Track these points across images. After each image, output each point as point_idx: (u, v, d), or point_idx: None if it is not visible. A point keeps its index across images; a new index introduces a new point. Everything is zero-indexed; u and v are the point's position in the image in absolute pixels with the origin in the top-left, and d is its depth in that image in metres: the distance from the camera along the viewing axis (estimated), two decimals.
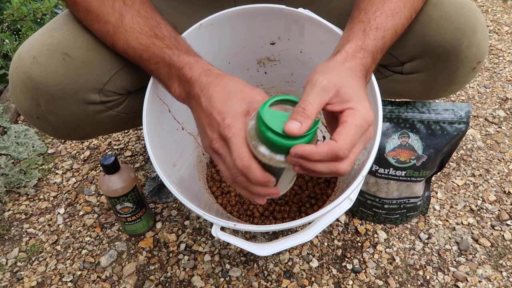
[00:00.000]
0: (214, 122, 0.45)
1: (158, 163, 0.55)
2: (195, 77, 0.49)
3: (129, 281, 0.78)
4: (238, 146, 0.43)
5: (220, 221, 0.51)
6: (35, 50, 0.54)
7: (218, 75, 0.49)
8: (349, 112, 0.42)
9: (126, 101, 0.64)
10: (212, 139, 0.46)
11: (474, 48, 0.57)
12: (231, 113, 0.44)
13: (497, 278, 0.76)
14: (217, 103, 0.45)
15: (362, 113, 0.41)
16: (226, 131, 0.43)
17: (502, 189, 0.93)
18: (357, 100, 0.42)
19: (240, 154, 0.42)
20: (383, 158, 0.75)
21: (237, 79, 0.48)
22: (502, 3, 1.76)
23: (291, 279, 0.78)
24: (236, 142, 0.43)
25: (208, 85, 0.47)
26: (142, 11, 0.54)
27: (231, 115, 0.44)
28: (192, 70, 0.49)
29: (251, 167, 0.42)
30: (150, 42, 0.52)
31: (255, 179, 0.43)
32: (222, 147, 0.45)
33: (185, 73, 0.49)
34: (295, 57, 0.71)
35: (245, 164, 0.42)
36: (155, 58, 0.52)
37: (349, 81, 0.44)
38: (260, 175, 0.43)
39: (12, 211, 0.95)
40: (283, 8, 0.59)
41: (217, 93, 0.46)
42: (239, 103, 0.45)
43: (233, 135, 0.43)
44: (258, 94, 0.47)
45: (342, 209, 0.52)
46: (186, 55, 0.51)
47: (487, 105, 1.20)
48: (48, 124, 0.59)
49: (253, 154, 0.43)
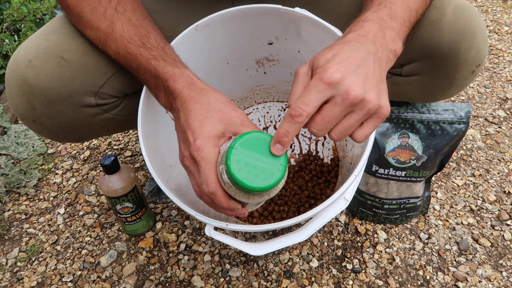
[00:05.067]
0: (186, 140, 0.45)
1: (152, 163, 0.55)
2: (178, 90, 0.48)
3: (129, 281, 0.78)
4: (205, 171, 0.43)
5: (212, 221, 0.51)
6: (30, 53, 0.54)
7: (201, 91, 0.48)
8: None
9: (122, 104, 0.64)
10: (184, 155, 0.46)
11: (473, 52, 0.56)
12: (203, 134, 0.44)
13: (497, 278, 0.76)
14: (193, 121, 0.45)
15: (317, 75, 0.40)
16: (195, 153, 0.43)
17: (502, 189, 0.93)
18: (320, 68, 0.41)
19: (207, 180, 0.43)
20: (383, 158, 0.75)
21: (219, 96, 0.48)
22: (502, 3, 1.76)
23: (291, 279, 0.78)
24: (204, 167, 0.43)
25: (188, 101, 0.47)
26: (133, 19, 0.54)
27: (203, 137, 0.44)
28: (175, 83, 0.49)
29: (216, 194, 0.43)
30: (138, 53, 0.52)
31: (219, 205, 0.44)
32: (192, 165, 0.46)
33: (169, 86, 0.49)
34: (294, 57, 0.71)
35: (211, 190, 0.43)
36: (142, 69, 0.52)
37: (324, 53, 0.42)
38: (224, 203, 0.44)
39: (12, 211, 0.95)
40: (279, 8, 0.59)
41: (195, 111, 0.46)
42: (215, 124, 0.45)
43: (202, 159, 0.43)
44: (237, 117, 0.46)
45: (337, 209, 0.51)
46: (172, 67, 0.51)
47: (487, 105, 1.20)
48: (44, 127, 0.59)
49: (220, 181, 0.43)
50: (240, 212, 0.47)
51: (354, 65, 0.41)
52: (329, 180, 0.83)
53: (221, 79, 0.76)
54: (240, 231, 0.84)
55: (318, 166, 0.86)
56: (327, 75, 0.39)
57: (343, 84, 0.39)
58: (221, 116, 0.46)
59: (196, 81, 0.50)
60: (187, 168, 0.47)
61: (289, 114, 0.39)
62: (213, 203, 0.46)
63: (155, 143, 0.61)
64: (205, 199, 0.46)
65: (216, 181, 0.43)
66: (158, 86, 0.52)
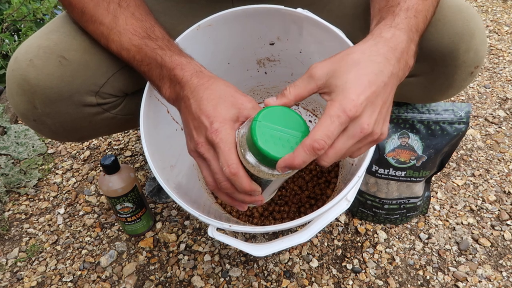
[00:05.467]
0: (201, 126, 0.44)
1: (153, 162, 0.55)
2: (186, 78, 0.48)
3: (129, 281, 0.78)
4: (226, 152, 0.42)
5: (215, 222, 0.51)
6: (31, 52, 0.54)
7: (210, 78, 0.48)
8: (328, 104, 0.40)
9: (123, 103, 0.64)
10: (198, 142, 0.45)
11: (472, 53, 0.56)
12: (219, 117, 0.43)
13: (497, 278, 0.76)
14: (206, 106, 0.45)
15: (339, 104, 0.38)
16: (213, 136, 0.43)
17: (502, 189, 0.93)
18: (340, 90, 0.39)
19: (228, 160, 0.42)
20: (383, 159, 0.75)
21: (228, 84, 0.48)
22: (502, 3, 1.76)
23: (291, 279, 0.78)
24: (223, 148, 0.42)
25: (198, 87, 0.47)
26: (137, 13, 0.54)
27: (220, 119, 0.43)
28: (183, 71, 0.49)
29: (238, 175, 0.42)
30: (143, 43, 0.52)
31: (241, 188, 0.43)
32: (208, 151, 0.44)
33: (176, 74, 0.49)
34: (295, 57, 0.71)
35: (233, 171, 0.42)
36: (147, 59, 0.52)
37: (346, 68, 0.40)
38: (247, 184, 0.43)
39: (12, 211, 0.95)
40: (280, 9, 0.59)
41: (207, 96, 0.45)
42: (228, 108, 0.45)
43: (221, 141, 0.42)
44: (248, 101, 0.46)
45: (339, 210, 0.51)
46: (178, 56, 0.50)
47: (487, 105, 1.20)
48: (44, 126, 0.59)
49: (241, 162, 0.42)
50: (258, 198, 0.46)
51: (375, 95, 0.39)
52: (329, 180, 0.84)
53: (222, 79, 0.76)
54: (244, 232, 0.84)
55: (318, 166, 0.86)
56: (349, 107, 0.38)
57: (361, 119, 0.39)
58: (233, 101, 0.45)
59: (204, 70, 0.50)
60: (201, 157, 0.45)
61: (311, 146, 0.37)
62: (233, 188, 0.44)
63: (156, 143, 0.62)
64: (224, 186, 0.44)
65: (238, 161, 0.42)
66: (162, 77, 0.51)
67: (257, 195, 0.45)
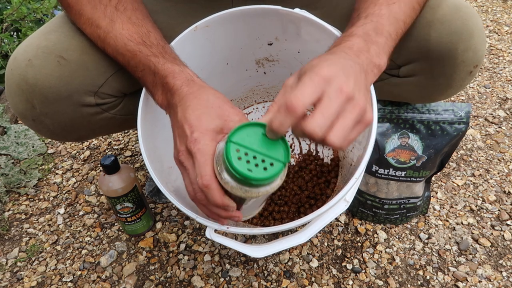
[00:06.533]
0: (183, 134, 0.45)
1: (151, 164, 0.55)
2: (177, 86, 0.48)
3: (129, 281, 0.78)
4: (201, 163, 0.42)
5: (213, 223, 0.51)
6: (30, 52, 0.54)
7: (200, 87, 0.48)
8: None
9: (121, 104, 0.64)
10: (179, 150, 0.45)
11: (470, 52, 0.56)
12: (201, 127, 0.44)
13: (497, 278, 0.76)
14: (191, 115, 0.45)
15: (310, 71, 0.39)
16: (192, 145, 0.43)
17: (502, 189, 0.93)
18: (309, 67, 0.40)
19: (202, 171, 0.42)
20: (383, 159, 0.75)
21: (218, 94, 0.48)
22: (502, 3, 1.76)
23: (291, 279, 0.78)
24: (199, 159, 0.42)
25: (187, 96, 0.47)
26: (133, 18, 0.54)
27: (201, 129, 0.43)
28: (175, 79, 0.49)
29: (210, 187, 0.42)
30: (137, 50, 0.52)
31: (212, 201, 0.43)
32: (187, 160, 0.45)
33: (168, 82, 0.49)
34: (293, 57, 0.71)
35: (205, 183, 0.41)
36: (141, 66, 0.52)
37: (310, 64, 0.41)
38: (218, 197, 0.42)
39: (12, 211, 0.95)
40: (278, 9, 0.59)
41: (194, 105, 0.46)
42: (213, 119, 0.45)
43: (198, 151, 0.42)
44: (235, 114, 0.46)
45: (338, 210, 0.51)
46: (171, 64, 0.51)
47: (487, 105, 1.20)
48: (43, 126, 0.59)
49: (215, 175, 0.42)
50: (234, 214, 0.46)
51: (343, 68, 0.40)
52: (329, 180, 0.83)
53: (221, 79, 0.76)
54: (241, 233, 0.84)
55: (318, 166, 0.86)
56: (321, 70, 0.38)
57: (336, 81, 0.38)
58: (220, 113, 0.45)
59: (196, 79, 0.50)
60: (182, 165, 0.46)
61: (284, 106, 0.36)
62: (207, 202, 0.44)
63: (154, 145, 0.62)
64: (199, 197, 0.44)
65: (211, 174, 0.42)
66: (156, 84, 0.51)
67: (232, 210, 0.45)
